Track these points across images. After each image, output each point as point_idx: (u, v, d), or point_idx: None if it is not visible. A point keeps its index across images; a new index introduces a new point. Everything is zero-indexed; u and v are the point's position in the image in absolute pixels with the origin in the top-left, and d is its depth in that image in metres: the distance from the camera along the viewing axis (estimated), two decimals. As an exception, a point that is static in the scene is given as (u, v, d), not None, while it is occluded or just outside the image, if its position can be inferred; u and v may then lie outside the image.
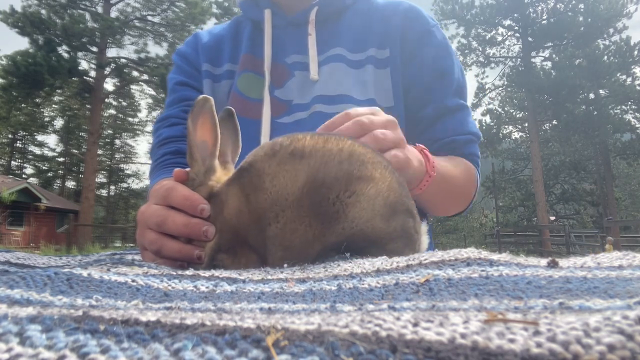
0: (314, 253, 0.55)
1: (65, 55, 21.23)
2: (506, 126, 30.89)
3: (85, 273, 0.41)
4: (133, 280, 0.41)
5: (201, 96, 0.65)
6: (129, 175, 44.25)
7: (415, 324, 0.22)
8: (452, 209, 1.13)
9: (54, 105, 35.81)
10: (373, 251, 0.55)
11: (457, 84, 1.13)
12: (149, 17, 24.67)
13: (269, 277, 0.45)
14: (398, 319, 0.23)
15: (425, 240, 0.62)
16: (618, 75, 24.69)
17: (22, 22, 20.33)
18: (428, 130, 1.12)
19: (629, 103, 25.64)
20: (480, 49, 27.90)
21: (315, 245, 0.55)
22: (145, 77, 24.24)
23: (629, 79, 25.18)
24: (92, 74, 23.66)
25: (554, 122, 28.72)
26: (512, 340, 0.19)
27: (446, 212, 1.14)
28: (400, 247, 0.56)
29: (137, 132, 41.21)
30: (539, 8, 25.85)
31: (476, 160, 1.14)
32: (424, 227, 0.62)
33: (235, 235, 0.59)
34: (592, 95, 25.87)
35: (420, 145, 0.85)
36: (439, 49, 1.13)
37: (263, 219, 0.56)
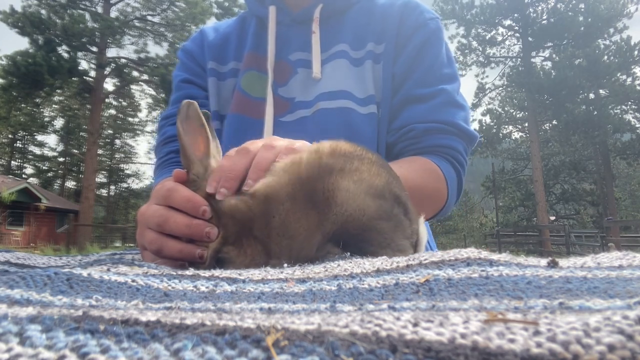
0: (316, 242, 0.58)
1: (65, 55, 21.24)
2: (506, 126, 30.91)
3: (85, 273, 0.41)
4: (133, 280, 0.41)
5: (185, 101, 0.68)
6: (129, 175, 44.27)
7: (415, 324, 0.22)
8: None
9: (54, 105, 35.83)
10: (367, 236, 0.57)
11: (437, 74, 1.06)
12: (149, 17, 24.69)
13: (269, 277, 0.45)
14: (398, 319, 0.23)
15: (423, 230, 0.63)
16: (618, 75, 24.70)
17: (22, 22, 20.34)
18: (393, 120, 1.06)
19: (629, 103, 25.66)
20: (480, 49, 27.91)
21: (316, 234, 0.57)
22: (145, 77, 24.25)
23: (629, 79, 25.20)
24: (92, 74, 23.68)
25: (554, 122, 28.74)
26: (512, 340, 0.19)
27: None
28: (390, 228, 0.58)
29: (137, 132, 41.25)
30: (539, 8, 25.86)
31: (447, 152, 1.01)
32: (421, 219, 0.64)
33: (241, 227, 0.60)
34: (592, 95, 25.88)
35: None
36: (427, 41, 1.09)
37: (267, 212, 0.59)
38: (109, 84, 26.93)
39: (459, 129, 1.03)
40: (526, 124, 28.33)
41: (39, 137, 39.75)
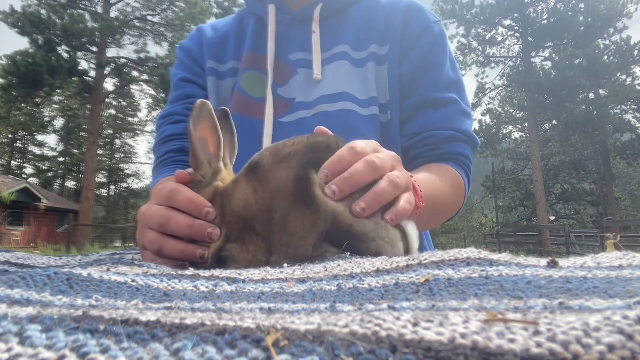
0: (311, 241, 0.58)
1: (65, 55, 21.25)
2: (506, 126, 30.92)
3: (85, 273, 0.41)
4: (133, 280, 0.41)
5: (199, 101, 0.67)
6: (129, 175, 44.29)
7: (415, 324, 0.22)
8: (439, 223, 1.08)
9: (54, 105, 35.84)
10: (354, 232, 0.57)
11: (447, 79, 1.09)
12: (149, 17, 24.70)
13: (269, 277, 0.45)
14: (398, 319, 0.23)
15: (411, 228, 0.63)
16: (618, 75, 24.71)
17: (22, 22, 20.35)
18: (409, 124, 1.08)
19: (629, 103, 25.68)
20: (480, 49, 27.91)
21: (312, 232, 0.58)
22: (145, 77, 24.26)
23: (629, 79, 25.22)
24: (92, 74, 23.70)
25: (554, 122, 28.75)
26: (512, 340, 0.19)
27: (432, 227, 1.11)
28: (371, 222, 0.58)
29: (137, 132, 41.27)
30: (539, 8, 25.87)
31: (464, 160, 1.07)
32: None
33: (244, 224, 0.61)
34: (592, 95, 25.90)
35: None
36: (434, 43, 1.10)
37: (269, 208, 0.59)
38: (109, 84, 26.97)
39: (470, 137, 1.07)
40: (526, 124, 28.34)
41: (39, 137, 39.80)
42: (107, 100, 29.62)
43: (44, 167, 40.78)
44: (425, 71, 1.08)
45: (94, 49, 22.84)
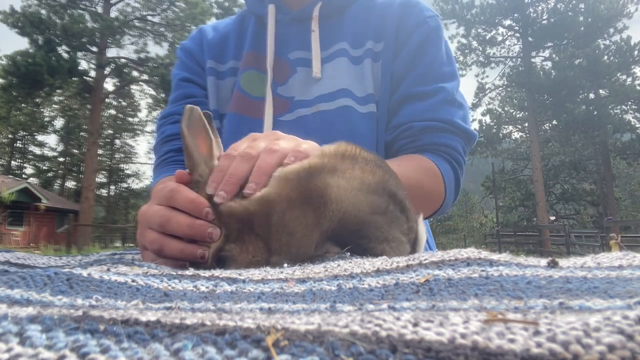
0: (314, 240, 0.58)
1: (65, 55, 21.28)
2: (506, 126, 30.94)
3: (85, 273, 0.41)
4: (133, 280, 0.41)
5: (187, 106, 0.68)
6: (129, 175, 44.31)
7: (415, 324, 0.22)
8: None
9: (54, 105, 35.87)
10: (364, 232, 0.57)
11: (437, 72, 1.06)
12: (149, 17, 24.72)
13: (269, 277, 0.45)
14: (398, 319, 0.23)
15: (422, 229, 0.63)
16: (618, 75, 24.74)
17: (22, 22, 20.36)
18: (393, 117, 1.06)
19: (629, 103, 25.71)
20: (480, 49, 27.93)
21: (314, 232, 0.58)
22: (145, 77, 24.28)
23: (629, 79, 25.25)
24: (92, 74, 23.72)
25: (554, 122, 28.76)
26: (512, 340, 0.19)
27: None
28: (385, 222, 0.58)
29: (137, 132, 41.29)
30: (539, 8, 25.90)
31: (446, 150, 1.02)
32: (420, 218, 0.65)
33: (242, 225, 0.61)
34: (592, 95, 25.92)
35: None
36: (427, 38, 1.08)
37: (265, 212, 0.59)
38: (109, 84, 27.00)
39: (458, 128, 1.03)
40: (526, 124, 28.36)
41: (39, 137, 39.83)
42: (107, 100, 29.66)
43: (44, 167, 40.80)
44: (415, 65, 1.07)
45: (94, 49, 22.86)
